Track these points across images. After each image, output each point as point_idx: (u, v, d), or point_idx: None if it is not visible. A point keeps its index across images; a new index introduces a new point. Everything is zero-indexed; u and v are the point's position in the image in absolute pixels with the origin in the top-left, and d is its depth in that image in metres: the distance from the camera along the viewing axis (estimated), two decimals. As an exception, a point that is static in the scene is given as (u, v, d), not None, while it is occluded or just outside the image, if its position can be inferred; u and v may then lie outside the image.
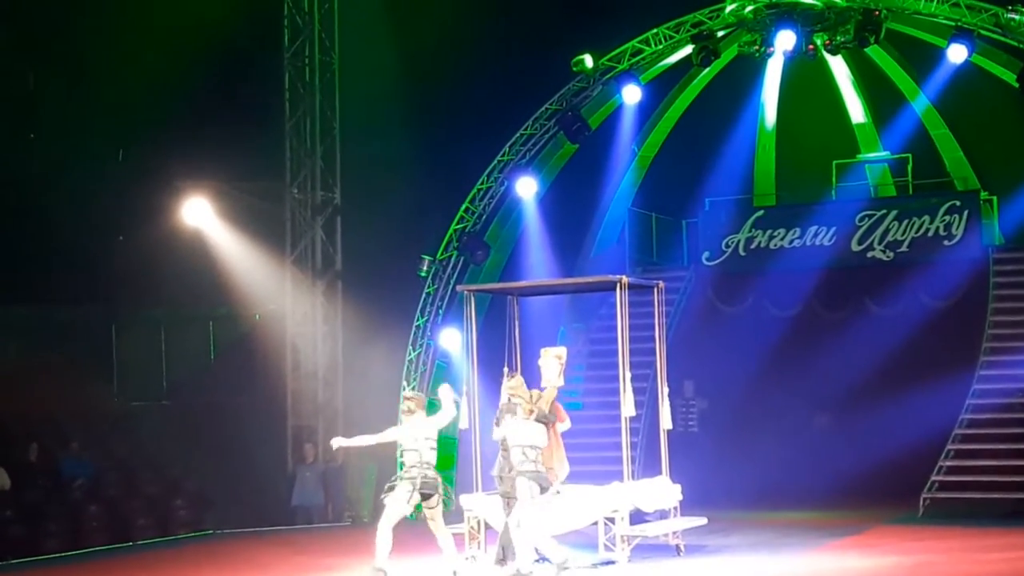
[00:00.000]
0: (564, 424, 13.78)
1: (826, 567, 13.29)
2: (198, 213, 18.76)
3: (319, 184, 20.02)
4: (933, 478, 17.60)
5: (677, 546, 14.10)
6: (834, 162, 22.66)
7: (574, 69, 19.87)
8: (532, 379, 15.13)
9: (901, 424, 18.95)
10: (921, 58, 21.42)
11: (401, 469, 12.93)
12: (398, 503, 12.47)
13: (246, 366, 18.98)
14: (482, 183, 20.22)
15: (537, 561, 13.76)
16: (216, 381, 19.17)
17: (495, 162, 20.26)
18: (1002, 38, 18.69)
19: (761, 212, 22.11)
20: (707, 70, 20.96)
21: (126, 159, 19.51)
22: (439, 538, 12.83)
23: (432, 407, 19.86)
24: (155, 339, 19.65)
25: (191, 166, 18.79)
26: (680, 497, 14.26)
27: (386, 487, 12.73)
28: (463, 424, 14.67)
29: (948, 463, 17.81)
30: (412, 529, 17.83)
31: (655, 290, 14.73)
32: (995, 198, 21.39)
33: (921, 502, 17.36)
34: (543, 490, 12.74)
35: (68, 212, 18.48)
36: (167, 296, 19.25)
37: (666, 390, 14.60)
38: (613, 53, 19.96)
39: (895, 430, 18.99)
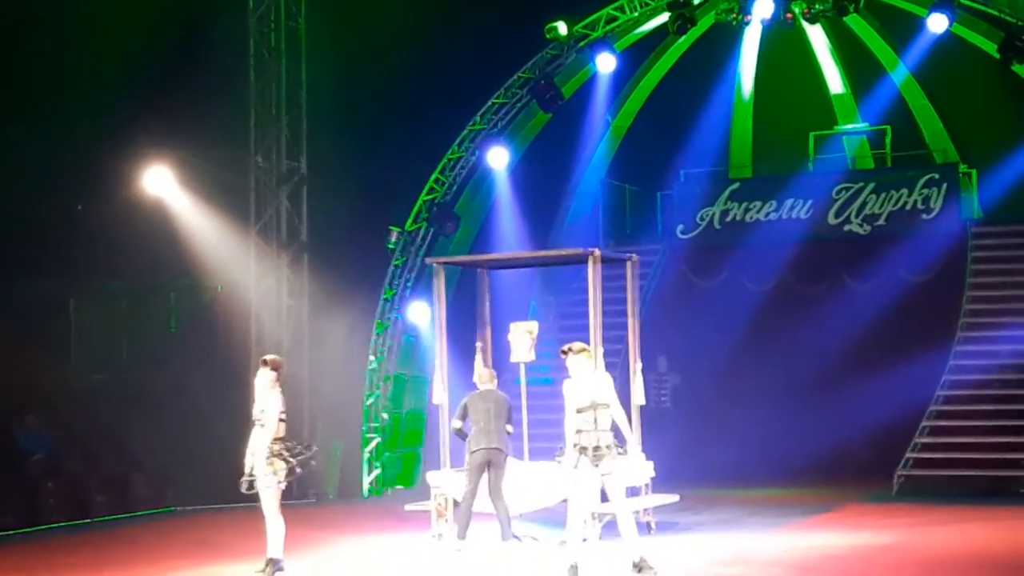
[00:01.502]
0: None
1: (799, 545, 13.41)
2: (160, 182, 18.65)
3: (284, 153, 19.92)
4: (908, 455, 17.77)
5: (648, 523, 14.19)
6: (811, 134, 22.74)
7: (547, 36, 19.84)
8: (502, 354, 15.20)
9: (876, 400, 19.12)
10: (901, 27, 21.51)
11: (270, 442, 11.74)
12: (276, 482, 11.72)
13: (209, 339, 18.92)
14: (452, 153, 20.20)
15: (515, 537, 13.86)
16: (178, 354, 19.10)
17: (466, 131, 20.24)
18: (983, 8, 18.78)
19: (737, 184, 22.19)
20: (683, 38, 20.98)
21: (85, 126, 19.35)
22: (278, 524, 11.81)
23: (401, 382, 19.88)
24: (115, 311, 19.55)
25: (152, 134, 18.66)
26: (652, 474, 14.34)
27: (259, 467, 11.70)
28: (436, 399, 14.67)
29: (923, 440, 17.99)
30: (383, 506, 17.91)
31: (628, 263, 14.77)
32: (974, 171, 21.54)
33: (895, 479, 17.53)
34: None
35: (24, 181, 18.33)
36: (127, 267, 19.14)
37: (639, 365, 14.66)
38: (587, 20, 19.94)
39: (870, 406, 19.17)
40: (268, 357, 12.14)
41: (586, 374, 11.43)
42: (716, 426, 20.40)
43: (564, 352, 11.56)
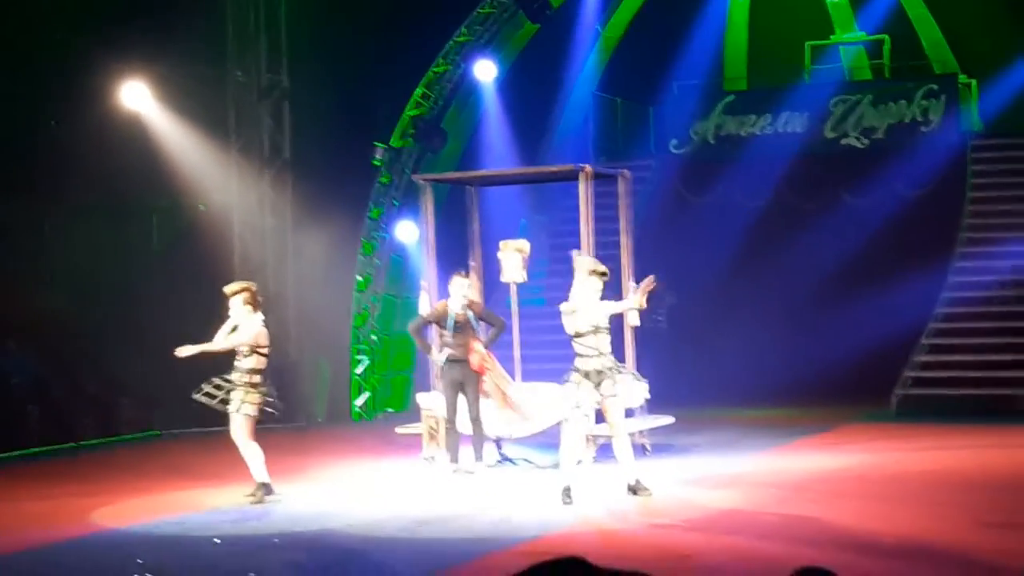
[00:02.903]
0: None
1: (795, 465, 13.57)
2: (136, 98, 18.48)
3: (265, 66, 19.72)
4: (907, 374, 17.90)
5: (643, 445, 14.32)
6: (807, 43, 22.62)
7: (535, -58, 19.62)
8: (492, 273, 15.23)
9: (874, 318, 19.20)
10: (900, -69, 21.34)
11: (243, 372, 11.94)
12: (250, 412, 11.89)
13: (191, 260, 18.86)
14: (438, 66, 20.04)
15: (499, 461, 14.00)
16: (159, 275, 19.07)
17: (451, 43, 20.05)
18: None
19: (731, 97, 22.12)
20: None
21: (58, 40, 19.11)
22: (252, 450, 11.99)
23: (390, 303, 19.87)
24: (93, 232, 19.45)
25: (128, 47, 18.43)
26: (647, 395, 14.44)
27: (215, 390, 11.86)
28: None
29: (923, 358, 18.11)
30: (373, 429, 18.05)
31: (620, 179, 14.76)
32: (974, 82, 21.49)
33: (893, 398, 17.68)
34: None
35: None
36: (104, 186, 18.98)
37: (632, 285, 14.70)
38: (577, -75, 19.72)
39: (868, 324, 19.25)
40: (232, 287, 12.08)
41: (596, 298, 11.54)
42: (711, 346, 20.50)
43: (603, 274, 11.58)
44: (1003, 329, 18.23)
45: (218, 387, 12.01)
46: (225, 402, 11.99)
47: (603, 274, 11.70)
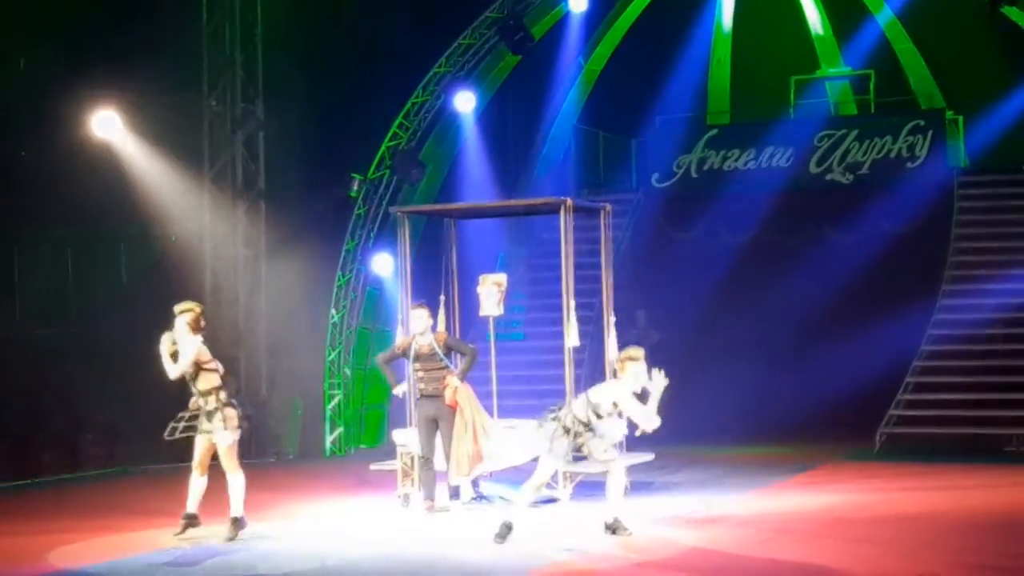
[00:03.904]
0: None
1: (777, 505, 13.46)
2: (108, 126, 18.39)
3: (240, 96, 19.68)
4: (891, 412, 17.85)
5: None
6: (792, 78, 22.70)
7: (517, -26, 19.67)
8: (470, 308, 15.14)
9: (858, 356, 19.18)
10: (885, -34, 21.46)
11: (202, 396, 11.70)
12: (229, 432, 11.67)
13: (161, 291, 18.66)
14: (417, 97, 20.02)
15: (474, 499, 13.87)
16: (128, 307, 18.92)
17: (431, 74, 20.05)
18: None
19: (715, 131, 22.14)
20: (659, -23, 20.86)
21: (28, 67, 19.06)
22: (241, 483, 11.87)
23: (365, 337, 19.73)
24: (61, 261, 19.34)
25: (100, 75, 18.37)
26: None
27: (182, 423, 11.67)
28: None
29: (907, 397, 18.07)
30: (346, 466, 17.88)
31: (602, 213, 14.70)
32: (961, 118, 21.57)
33: (878, 437, 17.62)
34: None
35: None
36: (75, 216, 18.91)
37: (612, 319, 14.62)
38: (559, -43, 19.77)
39: (852, 363, 19.23)
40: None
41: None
42: (693, 382, 20.29)
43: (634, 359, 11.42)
44: (988, 368, 18.21)
45: (181, 418, 11.80)
46: (193, 428, 11.77)
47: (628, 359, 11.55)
